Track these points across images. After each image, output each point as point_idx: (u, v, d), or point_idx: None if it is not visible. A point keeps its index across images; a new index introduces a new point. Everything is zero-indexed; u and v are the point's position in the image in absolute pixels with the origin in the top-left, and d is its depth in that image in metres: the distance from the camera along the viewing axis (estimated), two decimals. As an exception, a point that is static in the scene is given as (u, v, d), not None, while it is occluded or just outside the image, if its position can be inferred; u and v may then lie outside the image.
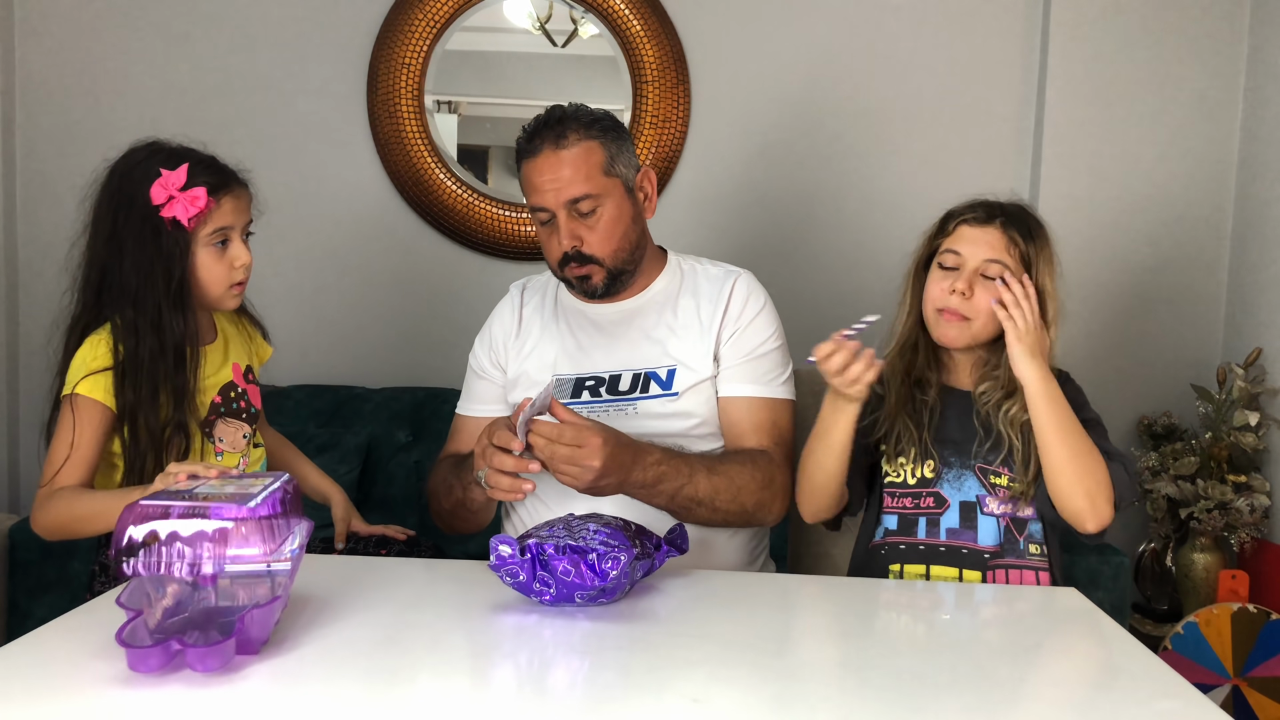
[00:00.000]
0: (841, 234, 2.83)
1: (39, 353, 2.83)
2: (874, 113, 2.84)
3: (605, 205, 1.67)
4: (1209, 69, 2.76)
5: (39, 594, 2.32)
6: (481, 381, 1.83)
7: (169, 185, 1.49)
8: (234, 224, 1.56)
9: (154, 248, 1.51)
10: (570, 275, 1.70)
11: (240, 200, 1.58)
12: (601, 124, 1.68)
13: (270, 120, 2.82)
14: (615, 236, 1.68)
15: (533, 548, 1.28)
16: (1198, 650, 2.40)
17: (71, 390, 1.51)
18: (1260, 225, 2.69)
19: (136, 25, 2.81)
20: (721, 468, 1.64)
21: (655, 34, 2.80)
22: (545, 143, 1.65)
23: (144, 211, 1.50)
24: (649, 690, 1.09)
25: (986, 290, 1.57)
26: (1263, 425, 2.57)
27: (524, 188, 1.70)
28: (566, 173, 1.64)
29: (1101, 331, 2.80)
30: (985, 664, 1.22)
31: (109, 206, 1.54)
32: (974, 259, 1.58)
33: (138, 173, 1.52)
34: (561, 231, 1.66)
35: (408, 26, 2.80)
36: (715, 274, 1.78)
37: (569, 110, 1.69)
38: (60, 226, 2.86)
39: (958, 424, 1.61)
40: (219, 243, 1.55)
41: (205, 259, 1.54)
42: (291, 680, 1.10)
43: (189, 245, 1.52)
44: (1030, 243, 1.60)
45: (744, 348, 1.72)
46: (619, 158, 1.69)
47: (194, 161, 1.53)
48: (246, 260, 1.58)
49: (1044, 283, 1.59)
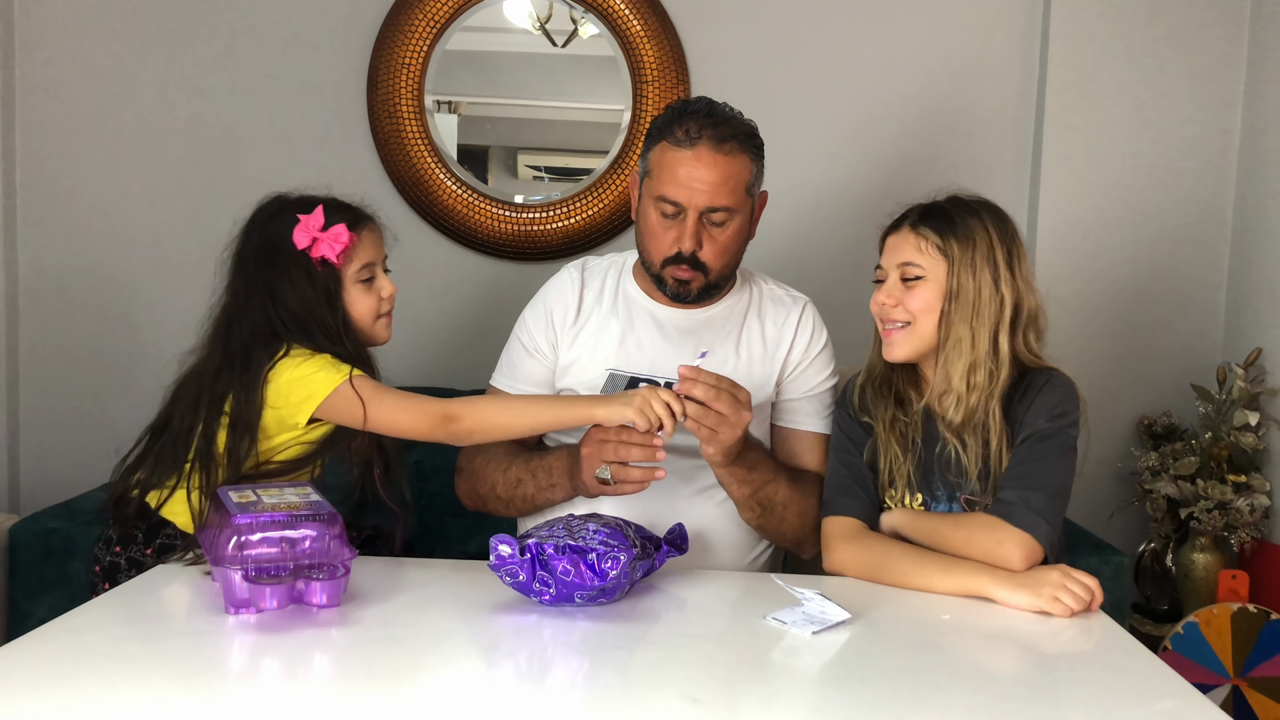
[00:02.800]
0: (841, 234, 2.83)
1: (39, 355, 2.84)
2: (873, 116, 2.84)
3: (734, 221, 1.65)
4: (1209, 69, 2.76)
5: (39, 594, 2.32)
6: (530, 360, 1.76)
7: (310, 228, 1.54)
8: (375, 259, 1.62)
9: (312, 290, 1.55)
10: (672, 275, 1.66)
11: (376, 234, 1.64)
12: (755, 140, 1.68)
13: (270, 120, 2.82)
14: (731, 252, 1.68)
15: (532, 548, 1.28)
16: (1198, 650, 2.39)
17: (345, 379, 1.51)
18: (1260, 225, 2.69)
19: (136, 25, 2.81)
20: (800, 483, 1.66)
21: (655, 34, 2.80)
22: (705, 139, 1.60)
23: (293, 258, 1.54)
24: (648, 690, 1.09)
25: (909, 292, 1.54)
26: (1263, 425, 2.57)
27: (658, 172, 1.63)
28: (718, 179, 1.60)
29: (1101, 331, 2.80)
30: (985, 664, 1.22)
31: (256, 261, 1.57)
32: (891, 267, 1.56)
33: (276, 223, 1.56)
34: (687, 232, 1.62)
35: (408, 26, 2.80)
36: (781, 297, 1.80)
37: (730, 113, 1.66)
38: (61, 228, 2.88)
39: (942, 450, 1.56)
40: (366, 279, 1.60)
41: (355, 294, 1.59)
42: (292, 680, 1.10)
43: (341, 282, 1.57)
44: (950, 236, 1.53)
45: (810, 382, 1.75)
46: (759, 179, 1.70)
47: (326, 202, 1.58)
48: (392, 291, 1.64)
49: (964, 281, 1.51)
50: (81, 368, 2.81)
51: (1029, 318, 1.55)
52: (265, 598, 1.25)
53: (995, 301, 1.52)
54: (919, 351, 1.56)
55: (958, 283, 1.51)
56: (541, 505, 1.66)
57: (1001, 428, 1.51)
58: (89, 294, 2.81)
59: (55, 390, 2.81)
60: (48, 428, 2.82)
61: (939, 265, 1.53)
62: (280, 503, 1.32)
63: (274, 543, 1.27)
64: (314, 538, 1.29)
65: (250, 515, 1.28)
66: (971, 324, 1.51)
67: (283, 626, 1.21)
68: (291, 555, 1.27)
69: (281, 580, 1.26)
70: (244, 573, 1.24)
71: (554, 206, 2.85)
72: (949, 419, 1.53)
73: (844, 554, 1.50)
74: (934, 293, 1.53)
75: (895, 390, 1.61)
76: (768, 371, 1.72)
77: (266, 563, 1.26)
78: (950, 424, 1.53)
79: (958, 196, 1.60)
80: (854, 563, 1.49)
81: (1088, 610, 1.36)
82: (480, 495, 1.72)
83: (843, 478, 1.58)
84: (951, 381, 1.52)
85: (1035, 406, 1.51)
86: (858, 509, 1.55)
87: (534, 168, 2.94)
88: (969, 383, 1.51)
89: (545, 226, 2.86)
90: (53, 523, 2.36)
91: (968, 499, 1.54)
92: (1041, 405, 1.51)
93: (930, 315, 1.53)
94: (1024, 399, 1.52)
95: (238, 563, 1.24)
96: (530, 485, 1.65)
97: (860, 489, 1.56)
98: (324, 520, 1.30)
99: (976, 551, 1.42)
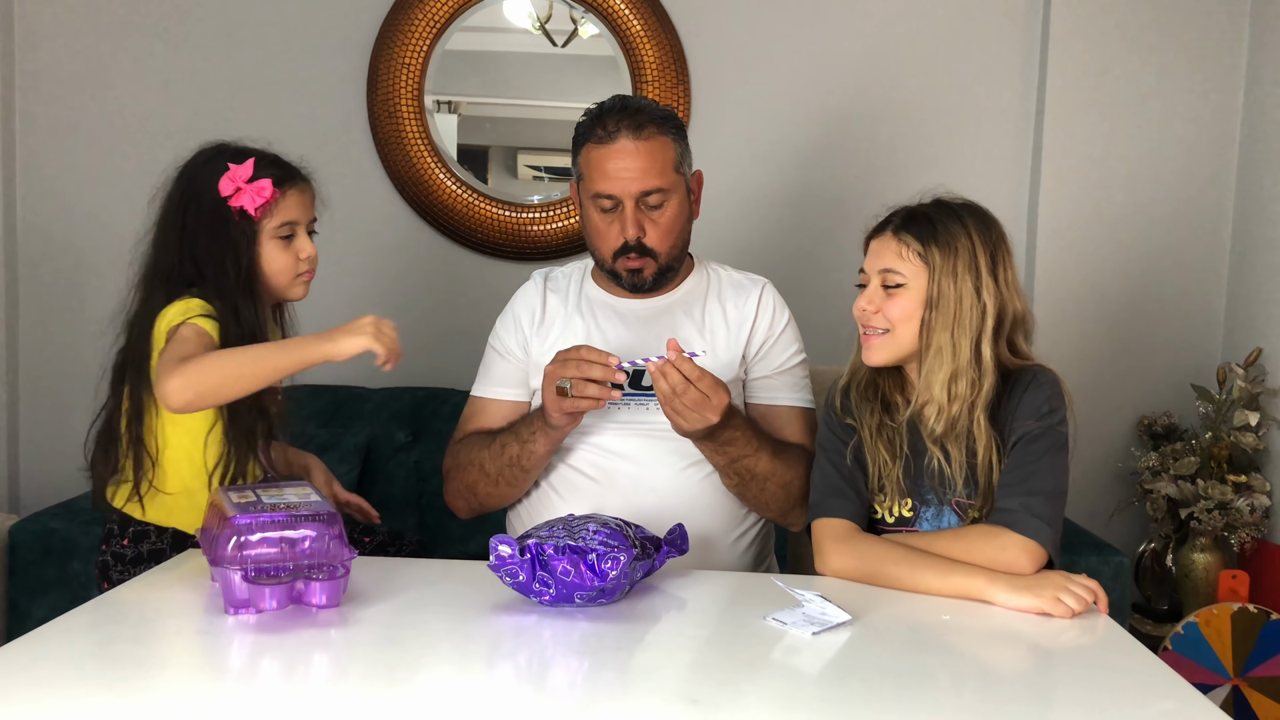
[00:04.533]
0: (841, 234, 2.82)
1: (39, 353, 2.84)
2: (874, 113, 2.84)
3: (671, 201, 1.70)
4: (1209, 70, 2.76)
5: (39, 594, 2.32)
6: (504, 362, 1.81)
7: (236, 178, 1.55)
8: (299, 218, 1.62)
9: (225, 238, 1.56)
10: (624, 266, 1.72)
11: (305, 195, 1.64)
12: (673, 122, 1.73)
13: (270, 120, 2.82)
14: (674, 233, 1.73)
15: (532, 548, 1.28)
16: (1198, 650, 2.39)
17: (182, 320, 1.49)
18: (1260, 225, 2.69)
19: (136, 25, 2.81)
20: (784, 455, 1.68)
21: (655, 34, 2.80)
22: (624, 130, 1.67)
23: (214, 205, 1.56)
24: (648, 690, 1.09)
25: (889, 300, 1.52)
26: (1263, 425, 2.57)
27: (589, 173, 1.70)
28: (643, 164, 1.66)
29: (1101, 331, 2.80)
30: (985, 664, 1.22)
31: (179, 204, 1.59)
32: (873, 273, 1.54)
33: (206, 170, 1.58)
34: (628, 221, 1.68)
35: (408, 26, 2.80)
36: (739, 280, 1.84)
37: (643, 102, 1.72)
38: (61, 228, 2.88)
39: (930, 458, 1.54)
40: (285, 236, 1.60)
41: (271, 250, 1.59)
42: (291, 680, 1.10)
43: (256, 235, 1.57)
44: (931, 243, 1.50)
45: (779, 358, 1.79)
46: (685, 157, 1.74)
47: (259, 156, 1.59)
48: (311, 252, 1.64)
49: (944, 288, 1.49)
50: (81, 368, 2.80)
51: (1014, 322, 1.53)
52: (265, 598, 1.25)
53: (977, 310, 1.49)
54: (898, 357, 1.55)
55: (938, 291, 1.49)
56: (527, 467, 1.68)
57: (988, 435, 1.49)
58: (89, 294, 2.81)
59: (55, 390, 2.82)
60: (48, 428, 2.82)
61: (920, 273, 1.50)
62: (280, 503, 1.32)
63: (274, 543, 1.27)
64: (313, 538, 1.29)
65: (250, 515, 1.28)
66: (953, 333, 1.49)
67: (282, 627, 1.21)
68: (291, 555, 1.28)
69: (281, 580, 1.26)
70: (243, 573, 1.24)
71: (554, 206, 2.85)
72: (931, 428, 1.51)
73: (837, 557, 1.49)
74: (914, 300, 1.51)
75: (881, 395, 1.59)
76: (733, 353, 1.76)
77: (266, 563, 1.26)
78: (933, 433, 1.52)
79: (942, 200, 1.57)
80: (847, 566, 1.48)
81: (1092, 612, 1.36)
82: (468, 484, 1.74)
83: (832, 479, 1.56)
84: (933, 391, 1.50)
85: (1022, 407, 1.50)
86: (848, 510, 1.54)
87: (534, 168, 2.94)
88: (950, 392, 1.49)
89: (545, 226, 2.86)
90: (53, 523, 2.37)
91: (958, 502, 1.53)
92: (1028, 405, 1.49)
93: (910, 323, 1.52)
94: (1010, 400, 1.51)
95: (237, 563, 1.24)
96: (514, 445, 1.68)
97: (851, 489, 1.55)
98: (324, 520, 1.30)
99: (980, 560, 1.41)
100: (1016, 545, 1.41)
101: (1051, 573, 1.40)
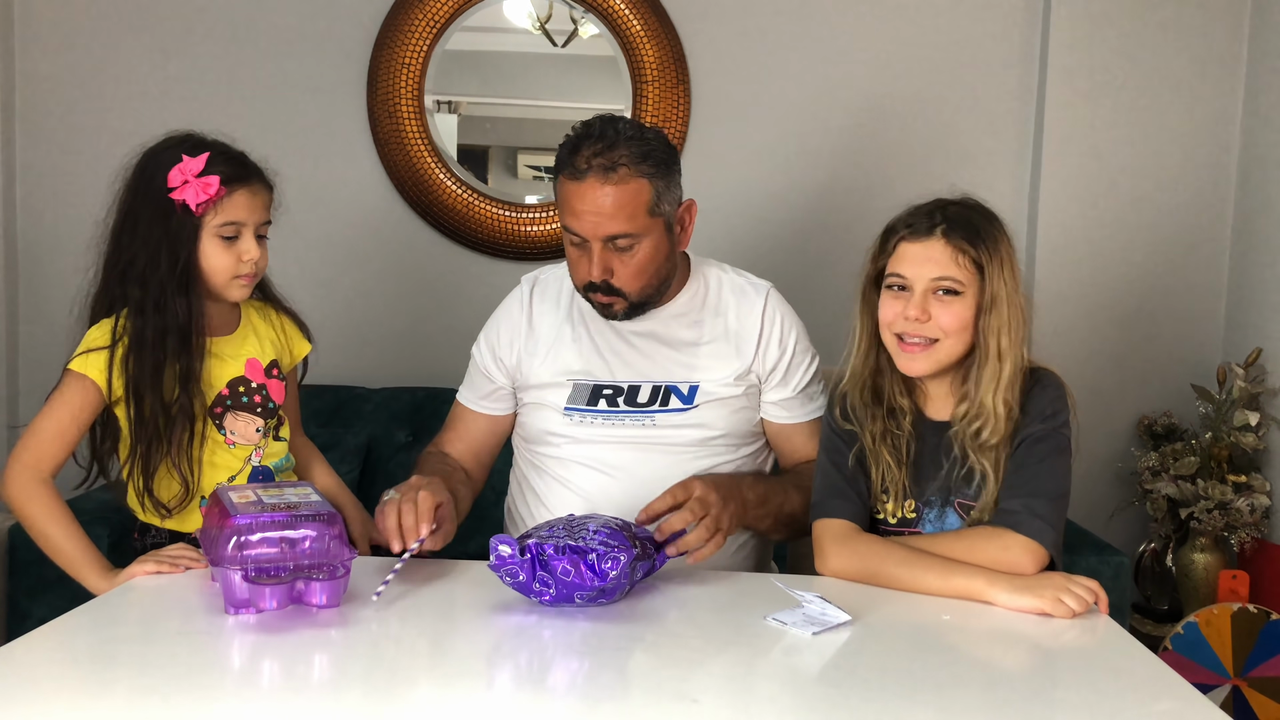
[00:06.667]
0: (840, 234, 2.82)
1: (39, 351, 2.84)
2: (874, 113, 2.84)
3: (643, 244, 1.60)
4: (1209, 68, 2.76)
5: (39, 594, 2.32)
6: (480, 377, 1.80)
7: (186, 171, 1.53)
8: (245, 220, 1.57)
9: (162, 230, 1.54)
10: (593, 299, 1.66)
11: (257, 197, 1.59)
12: (654, 158, 1.59)
13: (270, 120, 2.82)
14: (646, 274, 1.63)
15: (532, 548, 1.28)
16: (1198, 650, 2.39)
17: (83, 352, 1.55)
18: (1260, 225, 2.69)
19: (136, 25, 2.81)
20: (805, 483, 1.65)
21: (655, 34, 2.80)
22: (594, 170, 1.56)
23: (159, 194, 1.54)
24: (648, 690, 1.09)
25: (944, 308, 1.46)
26: (1263, 425, 2.57)
27: (560, 204, 1.62)
28: (611, 209, 1.56)
29: (1102, 331, 2.80)
30: (985, 664, 1.23)
31: (131, 187, 1.59)
32: (921, 280, 1.47)
33: (163, 157, 1.56)
34: (594, 262, 1.60)
35: (408, 26, 2.80)
36: (741, 284, 1.76)
37: (623, 132, 1.59)
38: (61, 226, 2.88)
39: (935, 458, 1.53)
40: (228, 236, 1.57)
41: (211, 248, 1.56)
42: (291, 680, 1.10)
43: (197, 231, 1.55)
44: (981, 246, 1.46)
45: (795, 377, 1.73)
46: (665, 195, 1.62)
47: (216, 152, 1.56)
48: (254, 255, 1.59)
49: (997, 290, 1.45)
50: (81, 368, 2.81)
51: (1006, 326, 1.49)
52: (265, 598, 1.25)
53: (1021, 312, 1.47)
54: (941, 367, 1.51)
55: (992, 295, 1.45)
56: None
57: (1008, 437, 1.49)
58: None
59: (55, 390, 2.81)
60: (48, 428, 2.81)
61: (975, 278, 1.46)
62: (280, 503, 1.32)
63: (274, 543, 1.27)
64: (314, 538, 1.29)
65: (250, 515, 1.28)
66: (1011, 338, 1.45)
67: (282, 627, 1.21)
68: (291, 555, 1.28)
69: (281, 580, 1.26)
70: (244, 573, 1.24)
71: (554, 206, 2.85)
72: (985, 440, 1.47)
73: (837, 557, 1.49)
74: (970, 308, 1.46)
75: (885, 400, 1.56)
76: (735, 366, 1.70)
77: (266, 563, 1.26)
78: (985, 445, 1.47)
79: (971, 200, 1.53)
80: (847, 566, 1.47)
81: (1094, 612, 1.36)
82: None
83: (834, 479, 1.56)
84: (985, 401, 1.46)
85: (1027, 409, 1.49)
86: (849, 510, 1.53)
87: (534, 168, 2.94)
88: (1004, 400, 1.45)
89: (545, 227, 2.86)
90: (53, 523, 2.36)
91: (960, 503, 1.53)
92: (1033, 407, 1.48)
93: (965, 332, 1.47)
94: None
95: (237, 563, 1.24)
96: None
97: (852, 490, 1.55)
98: (324, 520, 1.30)
99: (983, 560, 1.41)
100: (1019, 546, 1.41)
101: (1052, 573, 1.40)
